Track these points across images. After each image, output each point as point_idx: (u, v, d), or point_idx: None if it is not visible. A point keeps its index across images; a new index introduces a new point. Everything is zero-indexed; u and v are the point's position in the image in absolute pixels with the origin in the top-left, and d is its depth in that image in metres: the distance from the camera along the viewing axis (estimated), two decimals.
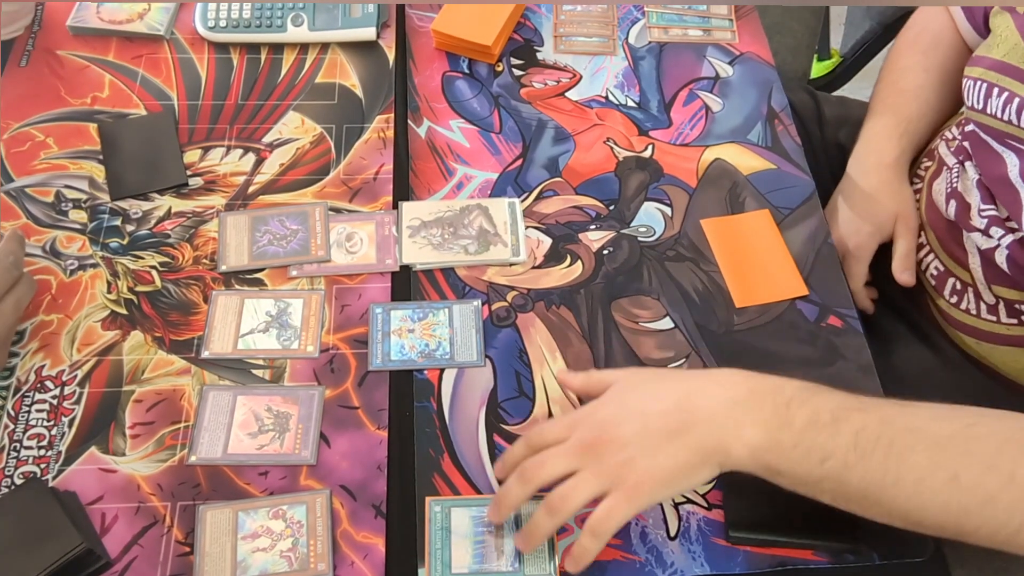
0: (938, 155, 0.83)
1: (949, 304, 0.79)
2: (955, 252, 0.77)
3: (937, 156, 0.83)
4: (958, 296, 0.78)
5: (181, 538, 0.59)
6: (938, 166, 0.82)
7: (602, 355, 0.68)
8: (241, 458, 0.62)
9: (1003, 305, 0.74)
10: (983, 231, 0.73)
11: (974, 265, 0.75)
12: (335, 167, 0.78)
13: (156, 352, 0.67)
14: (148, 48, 0.85)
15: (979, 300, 0.76)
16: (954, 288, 0.78)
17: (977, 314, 0.76)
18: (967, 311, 0.77)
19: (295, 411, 0.64)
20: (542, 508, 0.56)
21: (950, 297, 0.78)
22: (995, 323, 0.75)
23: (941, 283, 0.79)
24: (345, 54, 0.85)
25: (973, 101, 0.74)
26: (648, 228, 0.76)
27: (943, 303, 0.79)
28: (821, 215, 0.77)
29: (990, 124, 0.72)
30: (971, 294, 0.76)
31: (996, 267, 0.73)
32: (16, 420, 0.63)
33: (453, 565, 0.59)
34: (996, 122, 0.71)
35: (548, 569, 0.59)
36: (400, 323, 0.69)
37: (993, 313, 0.75)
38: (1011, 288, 0.72)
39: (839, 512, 0.58)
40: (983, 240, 0.73)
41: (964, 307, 0.77)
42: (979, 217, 0.73)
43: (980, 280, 0.75)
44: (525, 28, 0.89)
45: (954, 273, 0.78)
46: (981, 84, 0.73)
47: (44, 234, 0.73)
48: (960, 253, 0.77)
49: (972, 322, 0.77)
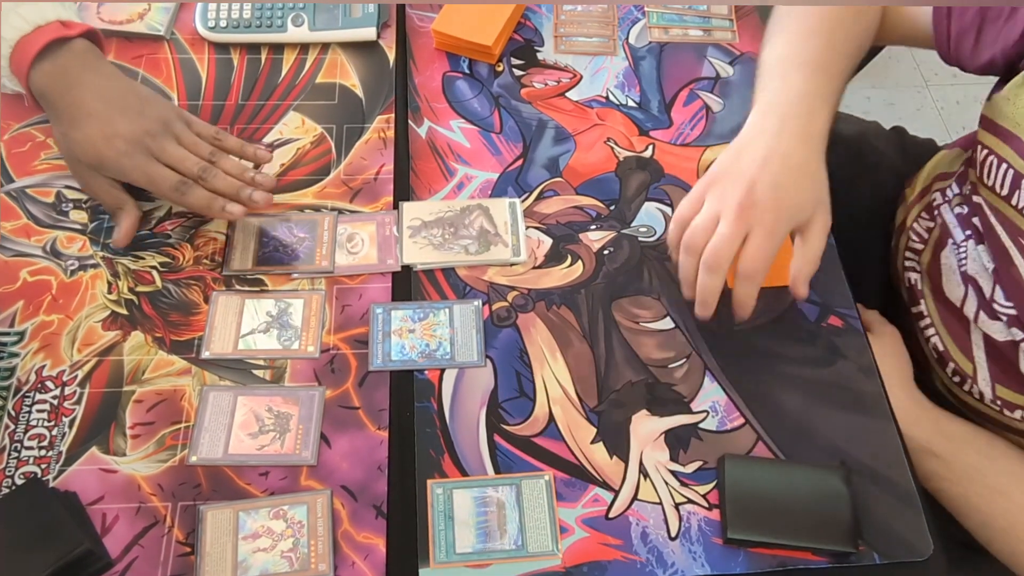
0: (941, 218, 0.76)
1: (952, 383, 0.75)
2: (958, 338, 0.72)
3: (939, 220, 0.76)
4: (960, 378, 0.74)
5: (182, 538, 0.59)
6: (941, 234, 0.75)
7: (602, 355, 0.68)
8: (242, 458, 0.62)
9: (1003, 406, 0.70)
10: (1005, 324, 0.67)
11: (979, 359, 0.70)
12: (335, 167, 0.78)
13: (156, 352, 0.67)
14: (148, 48, 0.85)
15: (982, 393, 0.72)
16: (956, 370, 0.74)
17: (981, 400, 0.72)
18: (971, 393, 0.73)
19: (295, 411, 0.64)
20: (704, 270, 0.64)
21: (952, 377, 0.75)
22: (999, 413, 0.71)
23: (944, 362, 0.75)
24: (345, 54, 0.85)
25: (995, 183, 0.67)
26: (649, 228, 0.76)
27: (946, 380, 0.76)
28: None
29: (1008, 216, 0.66)
30: (971, 384, 0.73)
31: (1005, 363, 0.68)
32: (17, 420, 0.63)
33: (457, 546, 0.59)
34: (1018, 216, 0.65)
35: (551, 547, 0.59)
36: (401, 323, 0.69)
37: (995, 404, 0.71)
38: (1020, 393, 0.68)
39: (838, 513, 0.58)
40: (1003, 332, 0.67)
41: (967, 389, 0.73)
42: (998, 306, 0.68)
43: (984, 377, 0.71)
44: (525, 28, 0.89)
45: (955, 359, 0.73)
46: (1008, 169, 0.65)
47: (44, 234, 0.73)
48: (964, 342, 0.72)
49: (975, 405, 0.73)
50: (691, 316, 0.70)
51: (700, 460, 0.63)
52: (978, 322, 0.70)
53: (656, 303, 0.71)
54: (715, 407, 0.66)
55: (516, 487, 0.61)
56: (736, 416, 0.66)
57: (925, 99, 1.94)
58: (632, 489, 0.62)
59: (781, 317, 0.71)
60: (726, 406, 0.66)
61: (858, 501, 0.60)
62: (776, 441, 0.64)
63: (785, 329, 0.70)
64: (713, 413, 0.66)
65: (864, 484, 0.62)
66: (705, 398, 0.66)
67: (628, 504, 0.62)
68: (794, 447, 0.64)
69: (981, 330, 0.70)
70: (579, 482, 0.62)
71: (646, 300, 0.71)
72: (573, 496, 0.62)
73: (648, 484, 0.62)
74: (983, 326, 0.70)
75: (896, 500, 0.62)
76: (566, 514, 0.61)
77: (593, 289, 0.72)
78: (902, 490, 0.63)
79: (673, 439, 0.64)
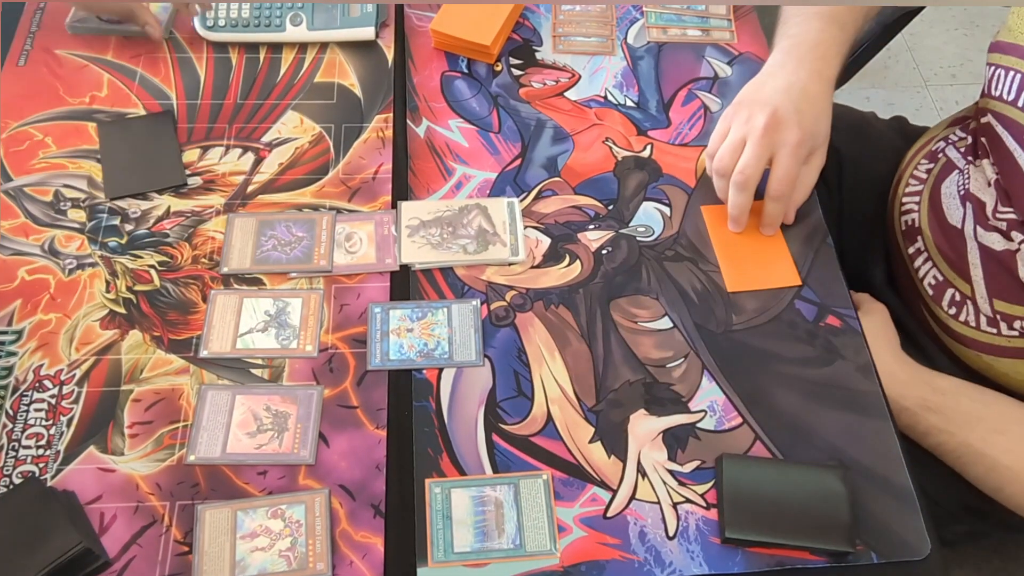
0: (945, 157, 0.81)
1: (947, 315, 0.78)
2: (956, 262, 0.76)
3: (943, 158, 0.81)
4: (956, 308, 0.77)
5: (180, 537, 0.59)
6: (943, 168, 0.80)
7: (601, 354, 0.68)
8: (240, 457, 0.62)
9: (1002, 319, 0.73)
10: (1003, 232, 0.71)
11: (976, 277, 0.73)
12: (334, 167, 0.78)
13: (155, 351, 0.67)
14: (147, 47, 0.85)
15: (978, 314, 0.74)
16: (953, 299, 0.77)
17: (977, 326, 0.75)
18: (966, 323, 0.76)
19: (294, 411, 0.64)
20: (733, 189, 0.71)
21: (948, 308, 0.77)
22: (995, 335, 0.74)
23: (939, 293, 0.78)
24: (344, 54, 0.85)
25: (1003, 91, 0.72)
26: (647, 228, 0.76)
27: (941, 313, 0.78)
28: (820, 214, 0.77)
29: (1014, 118, 0.70)
30: (970, 306, 0.75)
31: (1003, 275, 0.71)
32: (14, 419, 0.63)
33: (455, 545, 0.59)
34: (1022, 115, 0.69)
35: (549, 546, 0.59)
36: (399, 322, 0.69)
37: (993, 326, 0.74)
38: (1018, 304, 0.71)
39: (836, 512, 0.58)
40: (1000, 242, 0.71)
41: (963, 319, 0.76)
42: (995, 219, 0.72)
43: (981, 294, 0.73)
44: (524, 28, 0.89)
45: (953, 284, 0.77)
46: (1015, 75, 0.70)
47: (42, 233, 0.73)
48: (961, 263, 0.75)
49: (971, 334, 0.76)
50: (689, 316, 0.70)
51: (698, 460, 0.63)
52: (977, 236, 0.74)
53: (654, 303, 0.71)
54: (713, 407, 0.66)
55: (514, 486, 0.62)
56: (734, 416, 0.66)
57: (925, 99, 1.94)
58: (630, 488, 0.62)
59: (779, 317, 0.71)
60: (724, 406, 0.66)
61: (856, 500, 0.60)
62: (774, 440, 0.65)
63: (783, 329, 0.70)
64: (711, 413, 0.66)
65: (862, 483, 0.62)
66: (703, 398, 0.66)
67: (626, 503, 0.62)
68: (792, 447, 0.64)
69: (979, 244, 0.74)
70: (577, 481, 0.62)
71: (644, 300, 0.71)
72: (571, 495, 0.62)
73: (646, 483, 0.62)
74: (981, 239, 0.74)
75: (894, 499, 0.62)
76: (564, 513, 0.61)
77: (591, 289, 0.72)
78: (900, 489, 0.63)
79: (671, 439, 0.64)
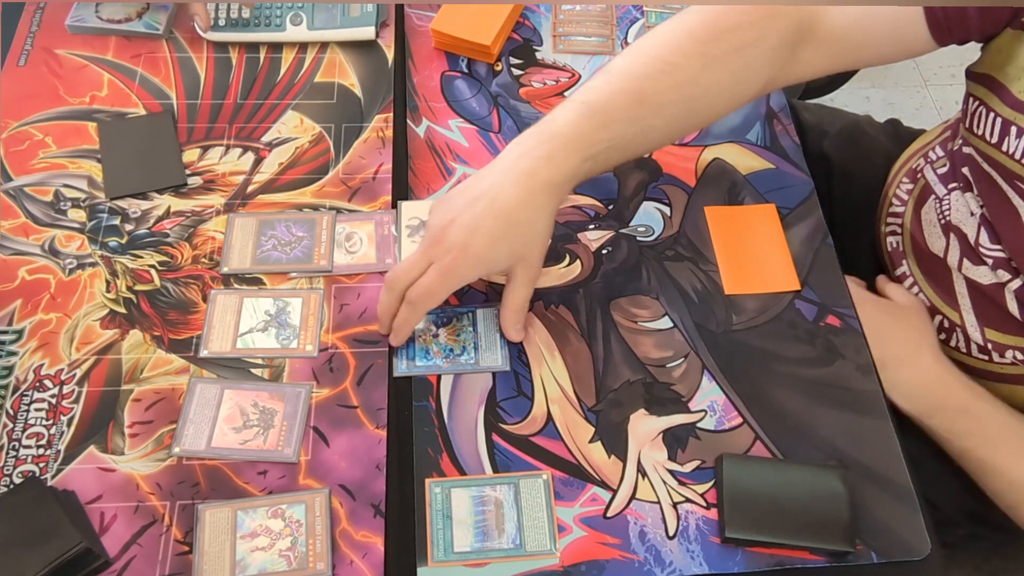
0: (923, 179, 0.78)
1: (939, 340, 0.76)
2: (942, 291, 0.74)
3: (921, 180, 0.79)
4: (946, 334, 0.75)
5: (180, 537, 0.59)
6: (922, 191, 0.78)
7: (601, 354, 0.68)
8: (224, 452, 0.62)
9: (993, 348, 0.71)
10: (990, 267, 0.69)
11: (964, 307, 0.72)
12: (334, 166, 0.78)
13: (155, 351, 0.67)
14: (147, 47, 0.85)
15: (968, 341, 0.73)
16: (942, 325, 0.75)
17: (968, 352, 0.74)
18: (956, 348, 0.75)
19: (281, 408, 0.64)
20: (404, 306, 0.64)
21: (939, 333, 0.76)
22: (987, 362, 0.72)
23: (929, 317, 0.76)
24: (344, 53, 0.85)
25: (985, 132, 0.67)
26: (647, 228, 0.76)
27: None
28: (820, 215, 0.77)
29: (1001, 161, 0.66)
30: (960, 334, 0.74)
31: (993, 308, 0.69)
32: (15, 419, 0.63)
33: (455, 545, 0.59)
34: (1010, 162, 0.65)
35: (549, 546, 0.59)
36: (424, 328, 0.69)
37: (984, 353, 0.72)
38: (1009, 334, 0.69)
39: (836, 512, 0.58)
40: (988, 276, 0.69)
41: (954, 344, 0.75)
42: (981, 252, 0.69)
43: (971, 323, 0.72)
44: (524, 27, 0.89)
45: (940, 311, 0.75)
46: (996, 118, 0.65)
47: (43, 233, 0.73)
48: (948, 293, 0.73)
49: (963, 360, 0.74)
50: (689, 315, 0.70)
51: (698, 459, 0.63)
52: (962, 269, 0.72)
53: (654, 302, 0.71)
54: (713, 406, 0.66)
55: (514, 486, 0.62)
56: (734, 415, 0.66)
57: (924, 99, 1.94)
58: (630, 488, 0.62)
59: (779, 316, 0.71)
60: (724, 405, 0.66)
61: (856, 500, 0.60)
62: (774, 440, 0.65)
63: (783, 328, 0.70)
64: (711, 412, 0.66)
65: (862, 483, 0.62)
66: (703, 397, 0.66)
67: (626, 503, 0.62)
68: (792, 446, 0.64)
69: (964, 277, 0.71)
70: (577, 481, 0.62)
71: (644, 299, 0.71)
72: (571, 495, 0.62)
73: (646, 483, 0.62)
74: (967, 272, 0.71)
75: (894, 499, 0.62)
76: (564, 513, 0.61)
77: (591, 288, 0.72)
78: (900, 489, 0.63)
79: (671, 438, 0.64)
